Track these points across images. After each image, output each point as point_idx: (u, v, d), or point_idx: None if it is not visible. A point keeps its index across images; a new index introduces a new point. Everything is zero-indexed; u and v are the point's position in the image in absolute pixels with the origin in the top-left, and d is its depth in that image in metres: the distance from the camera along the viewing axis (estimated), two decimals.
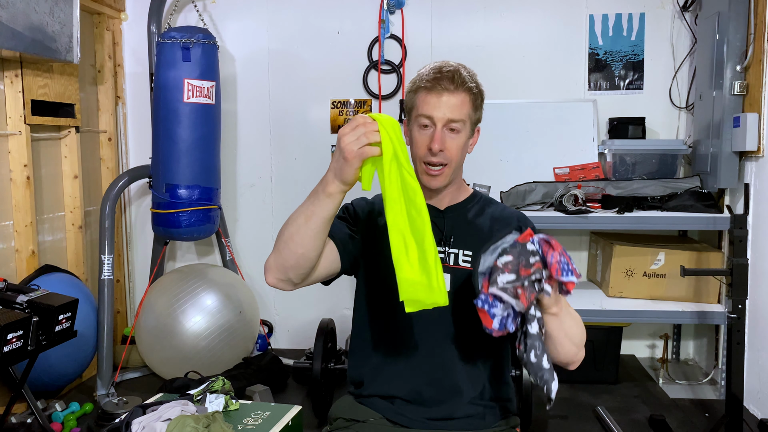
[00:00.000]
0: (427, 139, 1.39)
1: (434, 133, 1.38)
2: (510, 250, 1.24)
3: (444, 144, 1.38)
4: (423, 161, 1.41)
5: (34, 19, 2.59)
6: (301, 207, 1.31)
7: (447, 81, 1.37)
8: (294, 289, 1.39)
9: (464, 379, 1.44)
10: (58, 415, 2.72)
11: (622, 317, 3.00)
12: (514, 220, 1.50)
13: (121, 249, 3.69)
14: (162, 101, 3.07)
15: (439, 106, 1.37)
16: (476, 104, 1.42)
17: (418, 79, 1.42)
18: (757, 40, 2.76)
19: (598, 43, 3.45)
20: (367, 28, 3.55)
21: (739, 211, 2.90)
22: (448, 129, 1.39)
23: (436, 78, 1.38)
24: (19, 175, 2.77)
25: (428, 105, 1.38)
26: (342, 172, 1.22)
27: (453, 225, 1.49)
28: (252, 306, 3.35)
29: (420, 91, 1.40)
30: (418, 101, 1.41)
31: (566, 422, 2.76)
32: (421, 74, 1.41)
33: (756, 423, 2.66)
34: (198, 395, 1.66)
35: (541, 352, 1.25)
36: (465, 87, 1.39)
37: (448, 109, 1.37)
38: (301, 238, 1.29)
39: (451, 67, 1.40)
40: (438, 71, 1.39)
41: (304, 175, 3.66)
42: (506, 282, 1.21)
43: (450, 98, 1.38)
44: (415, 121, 1.42)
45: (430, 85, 1.38)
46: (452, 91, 1.38)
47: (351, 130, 1.19)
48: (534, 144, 3.38)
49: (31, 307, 2.17)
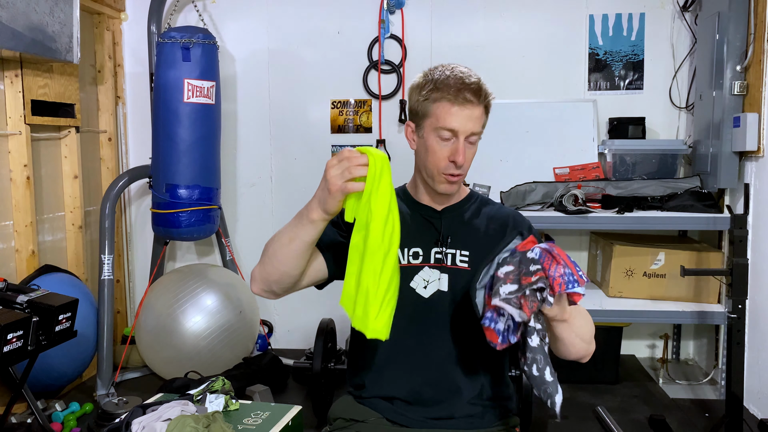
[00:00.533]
0: (448, 152, 1.38)
1: (458, 147, 1.37)
2: (510, 259, 1.23)
3: (463, 155, 1.39)
4: (444, 173, 1.41)
5: (34, 19, 2.59)
6: (287, 227, 1.34)
7: (472, 94, 1.36)
8: (278, 298, 1.43)
9: (463, 379, 1.44)
10: (58, 415, 2.72)
11: (622, 317, 3.00)
12: (510, 219, 1.51)
13: (121, 249, 3.69)
14: (162, 101, 3.07)
15: (463, 120, 1.36)
16: (488, 116, 1.44)
17: (436, 87, 1.37)
18: (757, 40, 2.76)
19: (598, 43, 3.45)
20: (367, 28, 3.55)
21: (739, 211, 2.90)
22: (467, 141, 1.39)
23: (460, 89, 1.35)
24: (19, 175, 2.77)
25: (452, 117, 1.36)
26: (325, 203, 1.24)
27: (450, 225, 1.49)
28: (252, 306, 3.35)
29: (441, 101, 1.37)
30: (439, 111, 1.37)
31: (566, 422, 2.76)
32: (440, 82, 1.37)
33: (756, 423, 2.66)
34: (198, 395, 1.66)
35: (543, 365, 1.23)
36: (486, 101, 1.39)
37: (471, 123, 1.37)
38: (283, 256, 1.33)
39: (475, 79, 1.38)
40: (462, 82, 1.36)
41: (304, 175, 3.66)
42: (508, 293, 1.19)
43: (473, 111, 1.37)
44: (434, 131, 1.39)
45: (453, 96, 1.35)
46: (476, 104, 1.37)
47: (337, 163, 1.21)
48: (534, 144, 3.38)
49: (31, 307, 2.17)
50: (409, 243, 1.47)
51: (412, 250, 1.47)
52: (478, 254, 1.45)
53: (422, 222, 1.50)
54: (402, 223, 1.49)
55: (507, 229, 1.48)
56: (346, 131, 3.62)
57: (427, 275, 1.45)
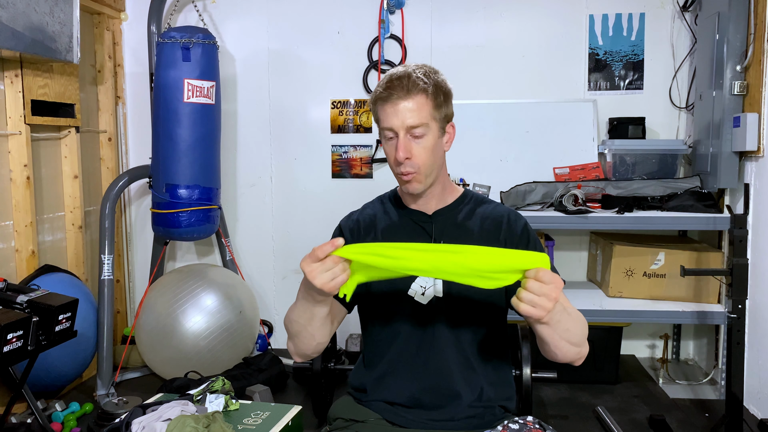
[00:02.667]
0: (392, 150, 1.39)
1: (396, 143, 1.38)
2: None
3: (410, 151, 1.37)
4: (399, 173, 1.42)
5: (34, 19, 2.59)
6: (299, 309, 1.35)
7: (399, 88, 1.36)
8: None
9: (462, 384, 1.44)
10: (58, 415, 2.72)
11: (622, 317, 3.00)
12: (505, 219, 1.49)
13: (121, 249, 3.69)
14: (162, 101, 3.07)
15: (396, 115, 1.36)
16: (438, 102, 1.39)
17: (375, 92, 1.41)
18: (757, 40, 2.76)
19: (598, 43, 3.45)
20: (367, 28, 3.55)
21: (739, 211, 2.90)
22: (411, 136, 1.38)
23: (389, 87, 1.37)
24: (19, 175, 2.77)
25: (387, 116, 1.37)
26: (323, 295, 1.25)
27: (442, 229, 1.47)
28: (252, 306, 3.35)
29: (378, 103, 1.40)
30: (379, 114, 1.40)
31: (566, 422, 2.76)
32: (377, 86, 1.41)
33: (756, 423, 2.66)
34: (198, 395, 1.66)
35: None
36: (419, 89, 1.36)
37: (404, 116, 1.36)
38: (309, 333, 1.38)
39: (401, 72, 1.38)
40: (389, 80, 1.38)
41: (304, 175, 3.67)
42: None
43: (406, 104, 1.36)
44: (381, 134, 1.42)
45: (385, 94, 1.37)
46: (405, 97, 1.36)
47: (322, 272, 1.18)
48: (534, 144, 3.38)
49: (31, 307, 2.17)
50: None
51: None
52: None
53: (414, 228, 1.49)
54: (394, 231, 1.49)
55: (502, 228, 1.47)
56: (346, 131, 3.62)
57: (423, 282, 1.44)
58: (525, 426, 1.35)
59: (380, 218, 1.53)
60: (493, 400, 1.47)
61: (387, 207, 1.55)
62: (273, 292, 3.76)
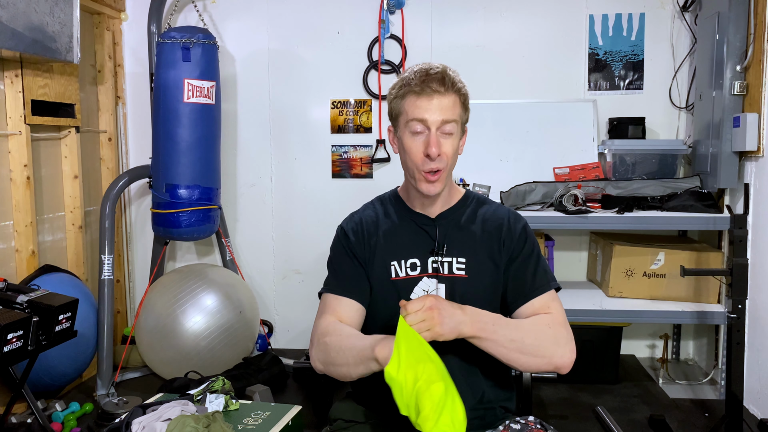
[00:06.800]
0: (421, 146, 1.37)
1: (429, 138, 1.36)
2: None
3: (441, 148, 1.36)
4: (422, 170, 1.38)
5: (34, 19, 2.59)
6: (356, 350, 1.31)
7: (437, 83, 1.35)
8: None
9: (464, 388, 1.42)
10: (58, 415, 2.72)
11: (622, 317, 3.00)
12: (505, 221, 1.49)
13: (121, 249, 3.69)
14: (162, 101, 3.07)
15: (432, 109, 1.35)
16: (465, 105, 1.41)
17: (403, 84, 1.38)
18: (757, 40, 2.76)
19: (598, 43, 3.45)
20: (367, 28, 3.55)
21: (739, 211, 2.90)
22: (441, 132, 1.37)
23: (425, 80, 1.35)
24: (19, 175, 2.77)
25: (420, 108, 1.35)
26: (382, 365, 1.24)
27: (445, 233, 1.47)
28: (252, 306, 3.35)
29: (409, 96, 1.37)
30: (407, 106, 1.37)
31: (566, 422, 2.76)
32: (407, 78, 1.38)
33: (756, 423, 2.66)
34: (198, 395, 1.66)
35: None
36: (455, 88, 1.37)
37: (440, 111, 1.35)
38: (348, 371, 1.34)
39: (438, 69, 1.37)
40: (425, 74, 1.36)
41: (304, 175, 3.67)
42: None
43: (441, 100, 1.35)
44: (406, 127, 1.38)
45: (419, 88, 1.35)
46: (443, 93, 1.35)
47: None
48: (534, 144, 3.38)
49: (31, 307, 2.17)
50: (406, 254, 1.46)
51: (409, 261, 1.46)
52: (474, 261, 1.44)
53: (417, 231, 1.48)
54: (396, 234, 1.48)
55: (502, 230, 1.47)
56: (346, 131, 3.62)
57: (426, 285, 1.44)
58: (526, 426, 1.35)
59: (382, 220, 1.52)
60: (493, 401, 1.47)
61: (388, 208, 1.54)
62: (273, 292, 3.76)
